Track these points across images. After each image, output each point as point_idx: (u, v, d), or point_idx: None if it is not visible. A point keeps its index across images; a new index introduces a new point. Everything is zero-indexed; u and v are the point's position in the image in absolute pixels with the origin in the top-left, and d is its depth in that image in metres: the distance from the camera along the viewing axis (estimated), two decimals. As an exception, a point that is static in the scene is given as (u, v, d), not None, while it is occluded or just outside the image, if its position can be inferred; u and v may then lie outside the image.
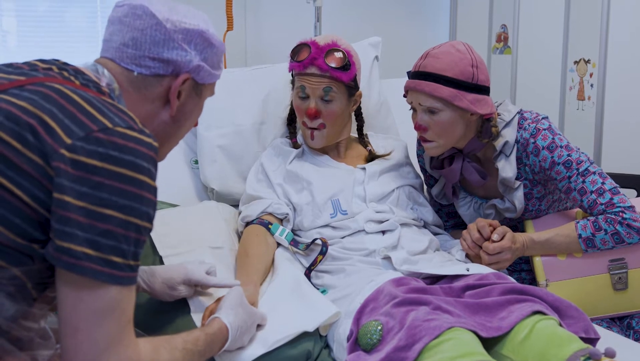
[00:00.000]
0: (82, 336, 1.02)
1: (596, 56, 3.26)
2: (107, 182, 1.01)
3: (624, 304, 1.89)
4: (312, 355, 1.49)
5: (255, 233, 1.85)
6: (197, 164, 2.20)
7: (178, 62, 1.21)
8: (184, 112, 1.28)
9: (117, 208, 1.01)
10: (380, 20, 3.86)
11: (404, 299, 1.46)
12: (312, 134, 1.94)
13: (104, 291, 1.02)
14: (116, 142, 1.02)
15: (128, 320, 1.06)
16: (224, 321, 1.36)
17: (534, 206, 1.94)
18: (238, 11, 3.34)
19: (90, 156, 1.00)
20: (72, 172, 0.99)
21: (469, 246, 1.80)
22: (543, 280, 1.87)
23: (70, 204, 0.99)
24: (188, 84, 1.25)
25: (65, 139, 1.00)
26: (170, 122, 1.26)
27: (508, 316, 1.45)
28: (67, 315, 1.02)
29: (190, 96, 1.27)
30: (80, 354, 1.02)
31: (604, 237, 1.80)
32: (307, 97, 1.91)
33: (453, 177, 1.96)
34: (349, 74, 1.89)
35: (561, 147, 1.84)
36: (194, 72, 1.24)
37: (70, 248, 0.99)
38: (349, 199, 1.88)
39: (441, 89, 1.78)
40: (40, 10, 3.30)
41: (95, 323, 1.02)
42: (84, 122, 1.02)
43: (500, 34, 3.86)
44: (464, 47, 1.83)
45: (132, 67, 1.20)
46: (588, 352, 1.32)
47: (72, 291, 1.02)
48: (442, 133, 1.84)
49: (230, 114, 2.17)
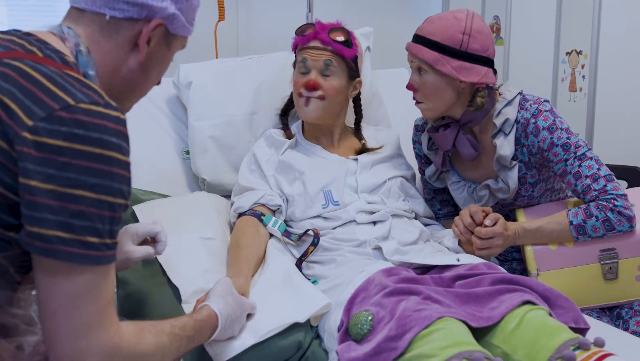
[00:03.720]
0: (60, 320, 0.99)
1: (588, 47, 3.26)
2: (74, 162, 0.97)
3: (614, 294, 1.90)
4: (303, 345, 1.49)
5: (248, 223, 1.85)
6: (188, 155, 2.20)
7: (153, 7, 1.17)
8: (152, 61, 1.23)
9: (87, 187, 0.98)
10: (372, 11, 3.85)
11: (395, 290, 1.46)
12: (307, 101, 1.94)
13: (79, 273, 0.99)
14: (80, 119, 0.98)
15: (108, 301, 1.03)
16: (213, 308, 1.35)
17: (527, 191, 1.95)
18: (229, 1, 3.33)
19: (53, 136, 0.96)
20: (36, 154, 0.96)
21: (461, 231, 1.81)
22: (534, 270, 1.87)
23: (37, 188, 0.96)
24: (159, 31, 1.20)
25: (26, 120, 0.96)
26: (138, 70, 1.21)
27: (498, 306, 1.45)
28: (44, 299, 1.00)
29: (160, 45, 1.22)
30: (61, 338, 1.00)
31: (595, 223, 1.81)
32: (308, 72, 1.94)
33: (446, 143, 1.96)
34: (350, 51, 1.94)
35: (561, 129, 1.85)
36: (168, 20, 1.20)
37: (41, 233, 0.96)
38: (341, 190, 1.88)
39: (425, 52, 1.82)
40: (30, 0, 3.28)
41: (73, 307, 0.99)
42: (45, 102, 0.98)
43: (492, 25, 3.86)
44: (464, 16, 1.84)
45: (104, 10, 1.15)
46: (577, 342, 1.33)
47: (47, 276, 0.99)
48: (429, 95, 1.87)
49: (221, 104, 2.16)
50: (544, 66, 3.57)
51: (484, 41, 1.83)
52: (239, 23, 3.53)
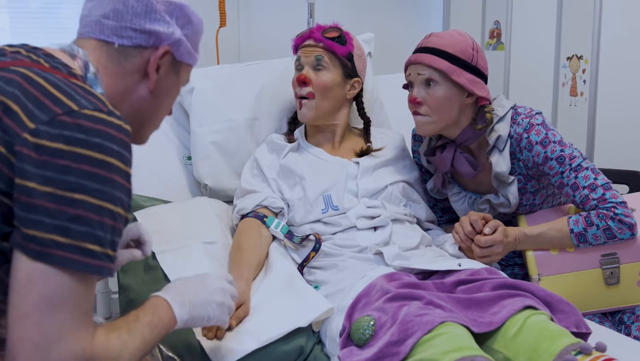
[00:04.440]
0: (30, 324, 0.94)
1: (589, 52, 3.26)
2: (74, 165, 0.95)
3: (615, 299, 1.90)
4: (305, 350, 1.49)
5: (250, 225, 1.85)
6: (190, 160, 2.20)
7: (160, 34, 1.19)
8: (161, 88, 1.24)
9: (87, 191, 0.96)
10: (373, 17, 3.85)
11: (396, 295, 1.46)
12: (300, 104, 1.98)
13: (63, 276, 0.95)
14: (82, 124, 0.97)
15: (85, 311, 0.98)
16: (154, 295, 1.23)
17: (528, 200, 1.95)
18: (231, 7, 3.33)
19: (54, 139, 0.95)
20: (36, 157, 0.94)
21: (461, 238, 1.81)
22: (535, 274, 1.87)
23: (34, 190, 0.94)
24: (167, 59, 1.22)
25: (28, 123, 0.95)
26: (149, 98, 1.23)
27: (500, 311, 1.45)
28: (17, 302, 0.95)
29: (169, 73, 1.24)
30: (27, 347, 0.93)
31: (595, 232, 1.81)
32: (302, 69, 1.98)
33: (444, 165, 1.96)
34: (342, 48, 1.97)
35: (554, 142, 1.84)
36: (174, 46, 1.21)
37: (36, 236, 0.94)
38: (341, 195, 1.88)
39: (440, 61, 1.82)
40: (33, 7, 3.29)
41: (47, 310, 0.94)
42: (48, 106, 0.97)
43: (493, 30, 3.86)
44: (467, 34, 1.90)
45: (112, 38, 1.17)
46: (579, 347, 1.33)
47: (25, 276, 0.94)
48: (436, 108, 1.85)
49: (223, 110, 2.17)
50: (544, 71, 3.57)
51: (486, 61, 1.89)
52: (240, 29, 3.54)
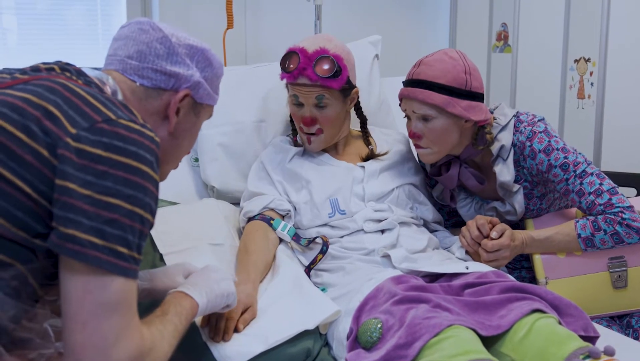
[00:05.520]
0: (91, 331, 1.00)
1: (596, 55, 3.26)
2: (112, 171, 1.01)
3: (623, 302, 1.90)
4: (312, 353, 1.49)
5: (257, 228, 1.85)
6: (197, 162, 2.21)
7: (179, 76, 1.24)
8: (181, 130, 1.30)
9: (123, 197, 1.02)
10: (381, 19, 3.86)
11: (404, 297, 1.46)
12: (309, 139, 1.95)
13: (110, 282, 1.01)
14: (120, 133, 1.03)
15: (134, 312, 1.05)
16: (174, 291, 1.30)
17: (535, 205, 1.95)
18: (238, 9, 3.34)
19: (94, 145, 1.01)
20: (77, 160, 1.00)
21: (468, 243, 1.81)
22: (543, 278, 1.87)
23: (74, 191, 0.99)
24: (187, 102, 1.27)
25: (70, 128, 1.01)
26: (168, 139, 1.28)
27: (507, 314, 1.45)
28: (74, 311, 1.01)
29: (189, 115, 1.29)
30: (89, 350, 1.00)
31: (603, 237, 1.80)
32: (302, 104, 1.91)
33: (451, 183, 1.96)
34: (339, 80, 1.86)
35: (557, 149, 1.84)
36: (194, 89, 1.27)
37: (75, 235, 0.99)
38: (348, 199, 1.88)
39: (434, 96, 1.78)
40: (40, 9, 3.30)
41: (103, 316, 1.00)
42: (88, 114, 1.04)
43: (500, 33, 3.86)
44: (457, 55, 1.83)
45: (134, 77, 1.23)
46: (587, 350, 1.32)
47: (78, 283, 1.00)
48: (436, 140, 1.84)
49: (230, 112, 2.17)
50: (552, 73, 3.57)
51: (480, 78, 1.85)
52: (247, 31, 3.54)
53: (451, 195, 2.03)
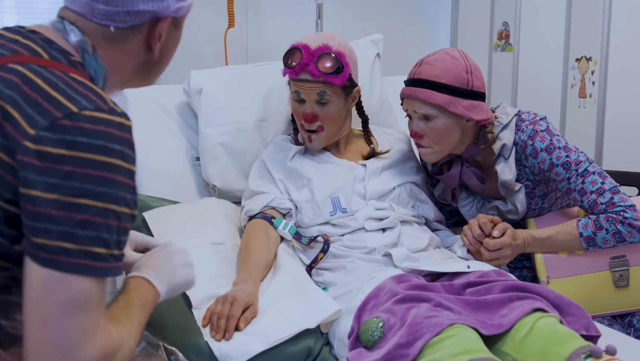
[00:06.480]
0: (51, 331, 0.94)
1: (598, 54, 3.26)
2: (78, 170, 0.94)
3: (625, 301, 1.90)
4: (313, 351, 1.49)
5: (258, 227, 1.85)
6: (198, 161, 2.20)
7: (156, 12, 1.13)
8: (165, 49, 1.21)
9: (93, 196, 0.95)
10: (382, 18, 3.85)
11: (405, 296, 1.46)
12: (309, 137, 1.95)
13: (74, 281, 0.95)
14: (83, 127, 0.96)
15: (102, 311, 1.00)
16: (137, 275, 1.22)
17: (537, 204, 1.94)
18: (239, 8, 3.34)
19: (56, 145, 0.94)
20: (38, 164, 0.94)
21: (469, 241, 1.81)
22: (544, 277, 1.87)
23: (38, 198, 0.94)
24: (167, 23, 1.17)
25: (28, 130, 0.95)
26: (152, 62, 1.20)
27: (509, 313, 1.45)
28: (33, 309, 0.95)
29: (170, 32, 1.20)
30: (50, 351, 0.94)
31: (605, 236, 1.80)
32: (303, 101, 1.91)
33: (452, 182, 1.96)
34: (342, 76, 1.87)
35: (559, 148, 1.83)
36: (174, 14, 1.17)
37: (45, 244, 0.94)
38: (349, 197, 1.88)
39: (435, 96, 1.78)
40: (41, 7, 3.30)
41: (66, 315, 0.95)
42: (48, 110, 0.96)
43: (501, 32, 3.86)
44: (459, 54, 1.83)
45: (106, 22, 1.11)
46: (589, 350, 1.32)
47: (40, 283, 0.95)
48: (437, 140, 1.84)
49: (231, 111, 2.17)
50: (553, 72, 3.56)
51: (481, 77, 1.85)
52: (248, 30, 3.54)
53: (453, 194, 2.03)
